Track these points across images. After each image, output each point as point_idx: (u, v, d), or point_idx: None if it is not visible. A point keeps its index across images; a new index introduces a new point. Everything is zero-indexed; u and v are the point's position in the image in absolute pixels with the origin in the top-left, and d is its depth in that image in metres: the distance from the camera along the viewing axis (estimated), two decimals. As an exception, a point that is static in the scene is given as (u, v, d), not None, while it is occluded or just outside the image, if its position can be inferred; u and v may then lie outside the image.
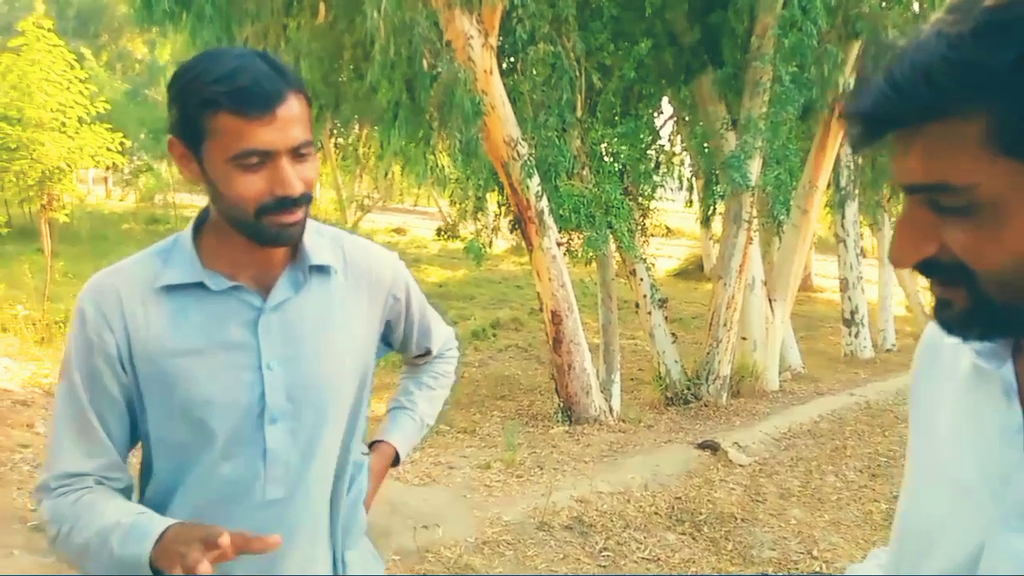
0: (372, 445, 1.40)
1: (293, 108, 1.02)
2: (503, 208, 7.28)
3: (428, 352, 1.47)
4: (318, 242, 1.18)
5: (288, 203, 1.04)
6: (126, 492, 1.16)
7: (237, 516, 1.11)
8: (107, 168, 14.40)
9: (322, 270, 1.18)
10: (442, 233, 6.98)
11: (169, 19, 5.07)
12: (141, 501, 1.17)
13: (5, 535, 3.16)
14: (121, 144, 8.76)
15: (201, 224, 1.16)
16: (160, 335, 1.09)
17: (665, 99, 9.09)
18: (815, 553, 4.20)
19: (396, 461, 1.41)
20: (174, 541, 0.98)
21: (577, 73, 6.30)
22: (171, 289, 1.11)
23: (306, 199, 1.06)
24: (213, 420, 1.09)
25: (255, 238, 1.08)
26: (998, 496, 0.68)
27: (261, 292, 1.13)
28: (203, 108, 1.00)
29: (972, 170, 0.58)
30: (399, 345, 1.40)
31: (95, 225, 18.57)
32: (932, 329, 0.83)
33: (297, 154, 1.04)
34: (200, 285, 1.10)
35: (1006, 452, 0.68)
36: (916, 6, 8.50)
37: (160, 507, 1.13)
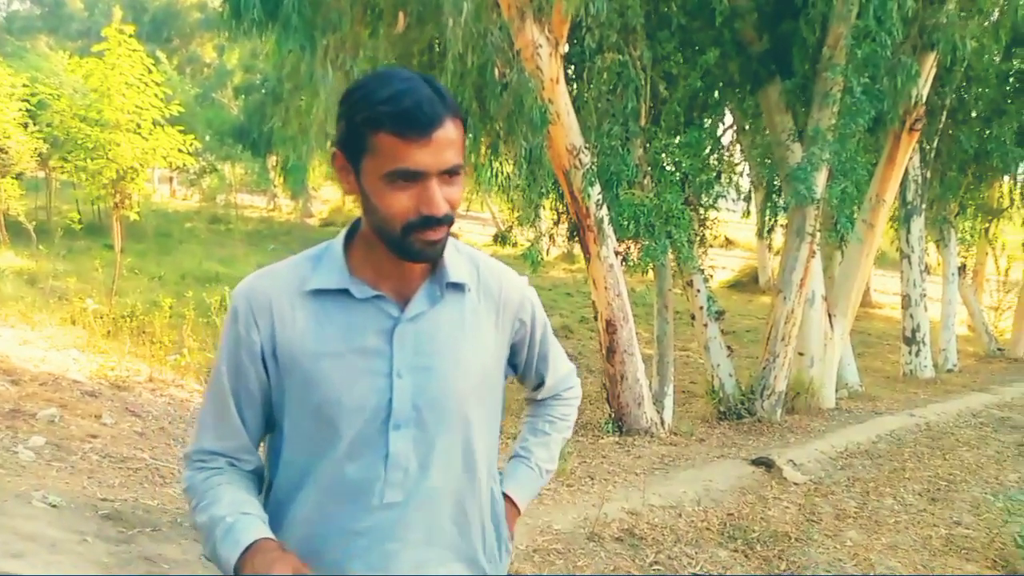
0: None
1: (449, 132, 1.07)
2: (561, 215, 7.28)
3: (543, 383, 1.46)
4: (456, 259, 1.23)
5: (432, 222, 1.09)
6: (255, 473, 1.24)
7: (356, 516, 1.17)
8: (173, 168, 14.88)
9: (457, 287, 1.22)
10: (499, 240, 7.01)
11: (257, 28, 5.23)
12: (270, 490, 1.24)
13: (78, 522, 3.28)
14: (190, 145, 9.06)
15: (352, 234, 1.21)
16: (304, 336, 1.16)
17: (726, 109, 8.98)
18: (874, 578, 4.09)
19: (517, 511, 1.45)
20: (252, 563, 1.06)
21: (643, 82, 6.27)
22: (318, 293, 1.17)
23: (448, 220, 1.11)
24: (341, 420, 1.15)
25: (399, 253, 1.13)
26: None
27: (400, 303, 1.18)
28: (366, 126, 1.07)
29: None
30: (520, 371, 1.43)
31: (160, 223, 19.19)
32: None
33: (447, 176, 1.09)
34: (345, 292, 1.16)
35: None
36: (996, 14, 8.24)
37: (286, 499, 1.20)
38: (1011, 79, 10.14)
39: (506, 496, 1.41)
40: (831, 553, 4.39)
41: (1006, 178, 12.60)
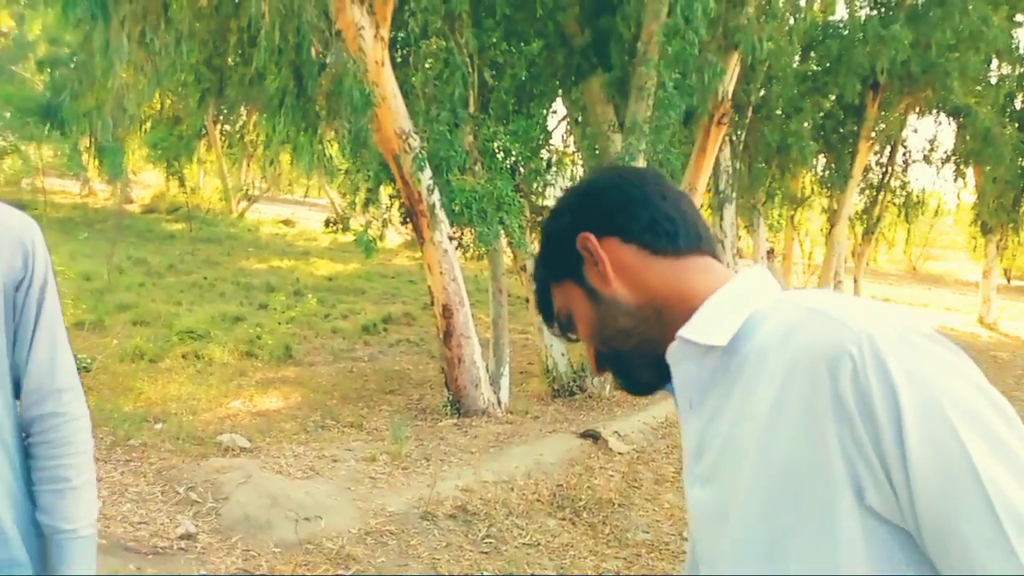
0: None
1: None
2: (395, 201, 7.25)
3: (26, 369, 1.28)
4: None
5: None
6: None
7: None
8: (-34, 148, 13.36)
9: None
10: (331, 224, 6.88)
11: (44, -8, 4.80)
12: None
13: None
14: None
15: None
16: None
17: (560, 100, 9.29)
18: (685, 535, 4.45)
19: None
20: None
21: (470, 69, 6.36)
22: None
23: None
24: None
25: None
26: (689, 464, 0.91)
27: None
28: None
29: (556, 300, 1.00)
30: (13, 334, 1.27)
31: (-49, 209, 17.09)
32: None
33: None
34: None
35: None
36: (791, 20, 9.08)
37: None
38: (807, 79, 11.22)
39: None
40: (650, 515, 4.73)
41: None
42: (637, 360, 0.93)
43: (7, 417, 1.25)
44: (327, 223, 7.13)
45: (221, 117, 16.85)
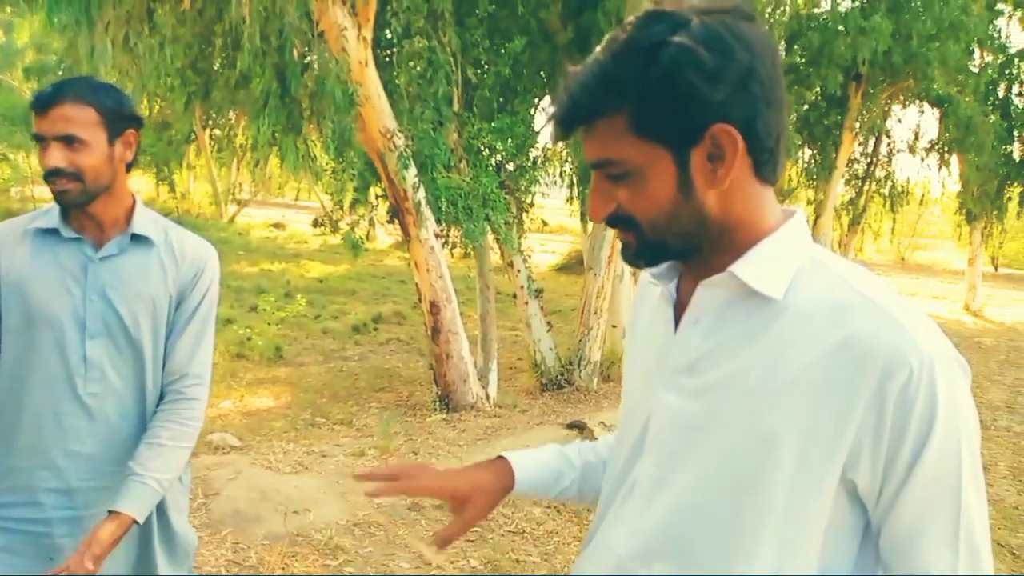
0: (109, 513, 1.53)
1: (66, 111, 1.47)
2: (380, 200, 7.32)
3: (173, 357, 1.67)
4: (144, 222, 1.64)
5: (49, 174, 1.50)
6: None
7: (62, 400, 1.57)
8: (-46, 156, 13.35)
9: (143, 240, 1.62)
10: (319, 225, 6.95)
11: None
12: None
13: None
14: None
15: None
16: (23, 263, 1.56)
17: (549, 98, 9.36)
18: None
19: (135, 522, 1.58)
20: None
21: (453, 68, 6.42)
22: (38, 232, 1.58)
23: (65, 174, 1.49)
24: (49, 327, 1.55)
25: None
26: (659, 368, 0.96)
27: (98, 246, 1.60)
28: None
29: (621, 149, 0.85)
30: (169, 327, 1.67)
31: (-60, 218, 17.08)
32: (643, 276, 1.12)
33: (65, 142, 1.48)
34: (56, 231, 1.58)
35: (663, 336, 0.97)
36: (772, 14, 9.17)
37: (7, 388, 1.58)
38: (790, 72, 11.32)
39: (124, 513, 1.52)
40: (636, 503, 4.79)
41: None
42: (669, 254, 0.92)
43: (155, 388, 1.67)
44: (315, 223, 7.19)
45: (211, 121, 16.88)
